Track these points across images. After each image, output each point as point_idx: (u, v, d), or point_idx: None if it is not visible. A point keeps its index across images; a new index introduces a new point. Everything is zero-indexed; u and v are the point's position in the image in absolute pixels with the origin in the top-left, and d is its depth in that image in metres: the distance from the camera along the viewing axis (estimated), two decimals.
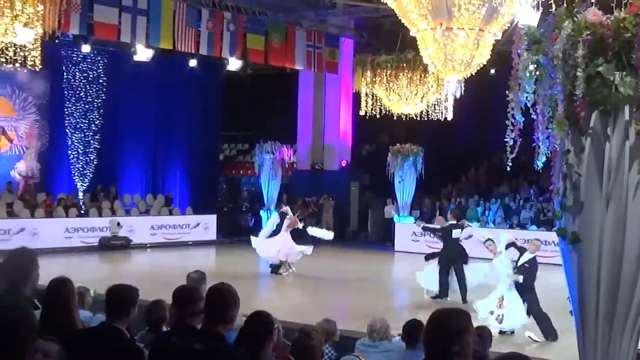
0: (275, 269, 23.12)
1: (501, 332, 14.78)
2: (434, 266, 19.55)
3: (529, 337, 14.69)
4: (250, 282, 20.95)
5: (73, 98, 32.03)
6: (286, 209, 24.37)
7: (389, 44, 29.12)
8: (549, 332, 14.53)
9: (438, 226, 21.97)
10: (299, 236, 23.78)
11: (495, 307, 14.86)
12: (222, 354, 5.34)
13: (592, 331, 5.74)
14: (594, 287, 5.65)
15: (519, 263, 15.07)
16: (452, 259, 19.42)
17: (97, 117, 32.69)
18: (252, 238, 23.64)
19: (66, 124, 31.92)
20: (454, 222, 20.26)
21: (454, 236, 19.85)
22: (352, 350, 9.34)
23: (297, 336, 6.44)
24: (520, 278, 14.80)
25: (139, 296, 6.20)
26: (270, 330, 5.83)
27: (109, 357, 5.72)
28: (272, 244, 23.17)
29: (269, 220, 24.67)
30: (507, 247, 15.76)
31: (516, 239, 16.82)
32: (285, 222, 23.35)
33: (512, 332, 15.06)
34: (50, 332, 5.87)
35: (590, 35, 5.39)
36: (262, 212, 31.52)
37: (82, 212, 30.35)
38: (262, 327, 5.80)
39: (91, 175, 32.61)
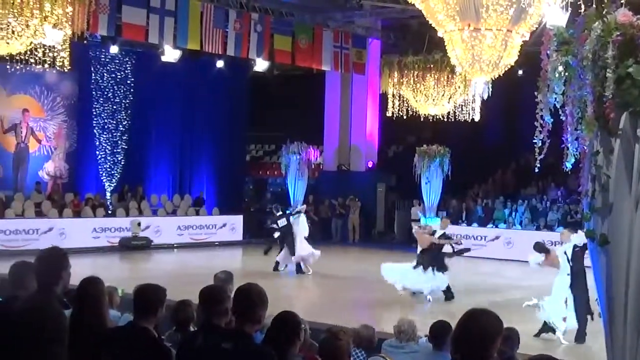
0: (299, 268, 23.35)
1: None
2: (402, 263, 20.44)
3: (558, 337, 14.59)
4: (277, 282, 20.99)
5: (101, 99, 32.21)
6: (302, 207, 24.58)
7: (416, 44, 29.05)
8: (581, 335, 14.39)
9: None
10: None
11: (563, 309, 14.67)
12: (250, 353, 5.35)
13: (620, 334, 5.70)
14: (622, 290, 5.61)
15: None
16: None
17: (124, 117, 32.86)
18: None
19: (94, 125, 32.10)
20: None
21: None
22: (379, 351, 9.33)
23: (325, 337, 6.45)
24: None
25: (167, 296, 6.22)
26: (297, 330, 5.84)
27: (137, 356, 5.75)
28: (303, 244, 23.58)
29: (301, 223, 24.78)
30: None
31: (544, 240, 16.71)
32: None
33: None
34: (81, 332, 5.92)
35: (620, 36, 5.35)
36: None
37: (110, 212, 30.51)
38: (288, 327, 5.81)
39: (118, 176, 32.78)
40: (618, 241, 5.58)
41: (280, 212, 24.82)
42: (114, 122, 32.60)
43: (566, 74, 5.80)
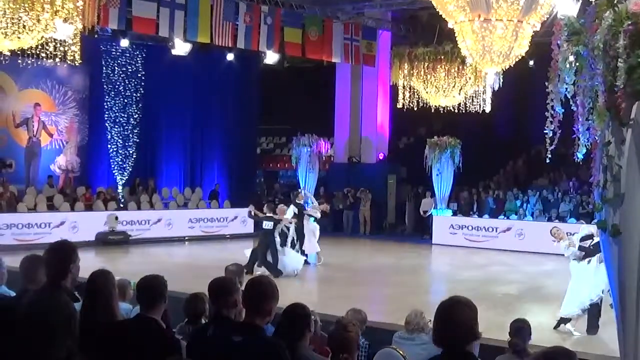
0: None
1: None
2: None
3: (569, 330, 14.53)
4: (286, 275, 20.97)
5: (112, 92, 32.23)
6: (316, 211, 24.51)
7: (427, 36, 29.02)
8: (593, 325, 14.32)
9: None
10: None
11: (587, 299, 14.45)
12: (261, 346, 5.36)
13: (632, 324, 5.68)
14: (634, 280, 5.59)
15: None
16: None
17: (135, 111, 32.88)
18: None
19: (105, 118, 32.13)
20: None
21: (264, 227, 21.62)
22: (389, 342, 9.33)
23: (334, 328, 6.45)
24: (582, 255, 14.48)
25: (170, 288, 6.25)
26: (307, 322, 5.84)
27: (146, 347, 5.77)
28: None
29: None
30: (582, 239, 15.27)
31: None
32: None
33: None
34: (91, 325, 5.94)
35: (632, 26, 5.32)
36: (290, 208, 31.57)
37: (121, 205, 30.56)
38: (299, 320, 5.82)
39: (130, 169, 32.81)
40: (630, 231, 5.56)
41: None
42: (125, 115, 32.62)
43: (577, 64, 5.78)
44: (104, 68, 31.90)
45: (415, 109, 29.53)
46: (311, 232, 23.70)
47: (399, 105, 30.04)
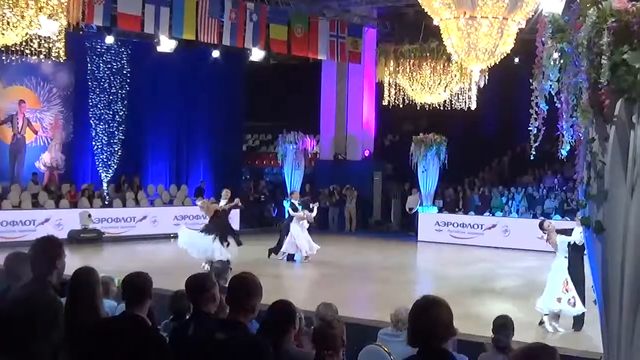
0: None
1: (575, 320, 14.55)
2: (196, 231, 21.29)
3: (554, 327, 14.55)
4: (273, 271, 20.99)
5: (97, 89, 32.15)
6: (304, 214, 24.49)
7: (412, 33, 29.03)
8: (579, 321, 14.34)
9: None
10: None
11: (562, 293, 14.47)
12: (245, 343, 5.35)
13: (616, 321, 5.71)
14: (618, 276, 5.62)
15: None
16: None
17: (120, 108, 32.81)
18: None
19: (90, 115, 32.05)
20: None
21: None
22: (375, 339, 9.34)
23: (318, 325, 6.46)
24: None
25: (157, 285, 6.24)
26: (292, 319, 5.85)
27: (131, 345, 5.76)
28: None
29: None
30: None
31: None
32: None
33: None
34: (75, 322, 5.92)
35: (616, 23, 5.34)
36: (285, 203, 31.54)
37: (107, 202, 30.49)
38: (284, 316, 5.82)
39: (115, 166, 32.74)
40: (613, 228, 5.58)
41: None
42: (110, 112, 32.54)
43: (561, 61, 5.79)
44: (89, 65, 31.81)
45: (401, 106, 29.58)
46: (298, 232, 23.60)
47: (385, 103, 30.09)
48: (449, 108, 28.82)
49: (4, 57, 19.29)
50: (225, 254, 20.17)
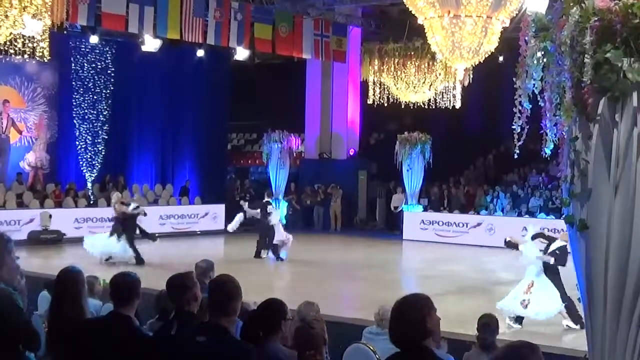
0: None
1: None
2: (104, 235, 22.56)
3: (567, 325, 14.56)
4: (258, 270, 21.00)
5: (81, 89, 32.06)
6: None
7: (397, 32, 29.08)
8: (578, 318, 14.37)
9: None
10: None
11: (522, 293, 14.61)
12: (225, 346, 5.34)
13: (599, 319, 5.73)
14: (601, 275, 5.64)
15: (550, 249, 14.85)
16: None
17: (105, 107, 32.73)
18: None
19: (74, 115, 31.96)
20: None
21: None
22: (359, 338, 9.37)
23: (298, 326, 6.46)
24: (552, 260, 14.57)
25: (144, 284, 6.24)
26: (281, 319, 5.84)
27: (118, 344, 5.76)
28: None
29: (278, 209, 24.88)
30: (533, 237, 15.55)
31: (542, 228, 16.76)
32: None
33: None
34: (60, 322, 5.92)
35: (598, 22, 5.36)
36: (283, 202, 31.66)
37: (92, 202, 30.41)
38: (273, 315, 5.82)
39: (100, 166, 32.67)
40: (597, 226, 5.60)
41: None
42: (95, 112, 32.45)
43: (544, 59, 5.81)
44: (73, 64, 31.72)
45: (386, 105, 29.65)
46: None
47: (370, 101, 30.15)
48: (434, 107, 28.91)
49: None
50: (129, 253, 21.95)
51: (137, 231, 23.21)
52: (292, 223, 32.62)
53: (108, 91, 32.74)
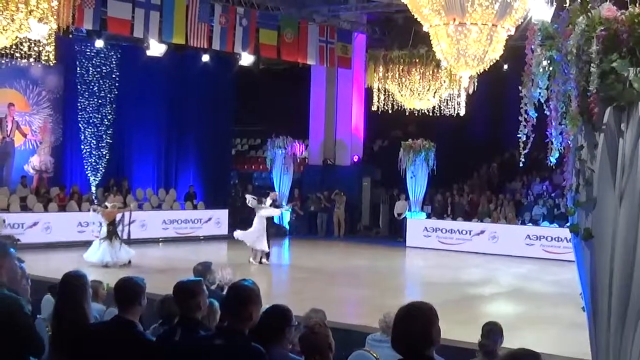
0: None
1: None
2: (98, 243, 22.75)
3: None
4: (261, 277, 20.97)
5: (86, 93, 32.08)
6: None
7: (402, 39, 29.10)
8: None
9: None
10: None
11: None
12: (241, 349, 5.35)
13: (604, 328, 5.73)
14: (606, 284, 5.64)
15: None
16: None
17: (109, 111, 32.75)
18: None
19: (79, 119, 31.97)
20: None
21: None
22: (363, 344, 9.35)
23: (302, 332, 6.45)
24: None
25: (147, 288, 6.24)
26: (286, 325, 5.84)
27: (122, 349, 5.76)
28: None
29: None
30: None
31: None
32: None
33: None
34: (62, 326, 5.92)
35: (605, 31, 5.37)
36: (286, 208, 31.63)
37: None
38: (279, 321, 5.82)
39: (104, 170, 32.68)
40: (602, 235, 5.60)
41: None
42: (99, 116, 32.48)
43: (550, 68, 5.81)
44: (79, 68, 31.75)
45: (390, 111, 29.67)
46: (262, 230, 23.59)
47: (374, 108, 30.17)
48: (438, 114, 28.92)
49: None
50: (124, 256, 22.41)
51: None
52: (296, 229, 32.63)
53: (113, 95, 32.76)
